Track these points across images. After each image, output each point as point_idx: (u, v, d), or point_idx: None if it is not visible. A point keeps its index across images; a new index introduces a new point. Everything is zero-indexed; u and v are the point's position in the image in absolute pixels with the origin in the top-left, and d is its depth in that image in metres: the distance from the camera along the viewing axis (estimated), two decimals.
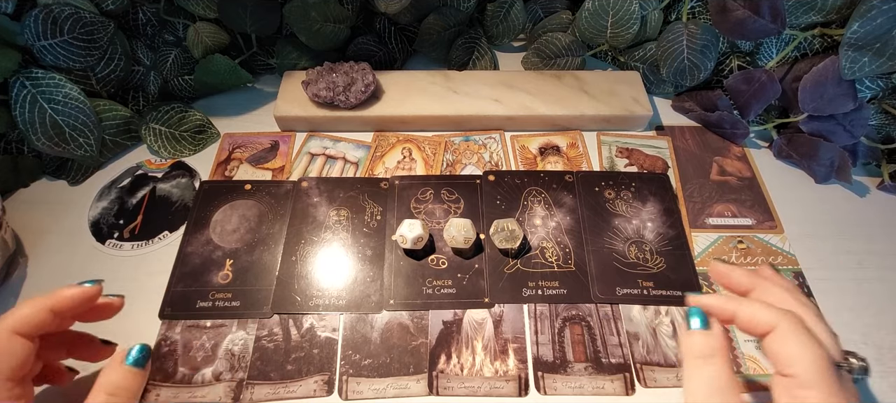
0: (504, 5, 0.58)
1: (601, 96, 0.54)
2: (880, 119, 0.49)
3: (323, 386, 0.38)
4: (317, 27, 0.53)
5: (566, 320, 0.42)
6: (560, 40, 0.57)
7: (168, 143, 0.52)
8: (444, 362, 0.40)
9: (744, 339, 0.41)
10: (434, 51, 0.59)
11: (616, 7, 0.53)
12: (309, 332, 0.41)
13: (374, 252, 0.45)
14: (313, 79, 0.52)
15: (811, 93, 0.47)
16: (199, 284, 0.43)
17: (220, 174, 0.51)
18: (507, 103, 0.54)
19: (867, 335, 0.41)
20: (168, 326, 0.41)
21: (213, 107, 0.57)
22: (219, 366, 0.39)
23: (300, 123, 0.54)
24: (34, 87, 0.45)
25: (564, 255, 0.45)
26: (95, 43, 0.48)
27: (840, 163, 0.49)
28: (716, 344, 0.29)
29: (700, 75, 0.52)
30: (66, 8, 0.45)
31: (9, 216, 0.46)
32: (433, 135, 0.55)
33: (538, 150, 0.53)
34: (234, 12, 0.52)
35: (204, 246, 0.45)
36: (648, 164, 0.52)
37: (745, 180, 0.51)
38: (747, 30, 0.47)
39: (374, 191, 0.49)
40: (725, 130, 0.54)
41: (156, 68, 0.54)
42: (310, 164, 0.52)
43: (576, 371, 0.39)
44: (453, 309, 0.42)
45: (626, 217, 0.47)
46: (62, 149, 0.47)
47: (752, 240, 0.47)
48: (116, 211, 0.49)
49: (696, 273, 0.44)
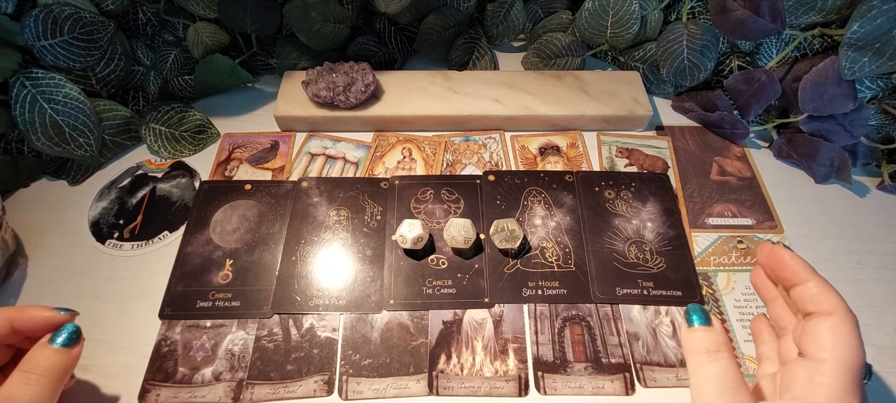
0: (504, 5, 0.58)
1: (601, 96, 0.54)
2: (880, 119, 0.49)
3: (323, 386, 0.38)
4: (317, 27, 0.53)
5: (566, 320, 0.42)
6: (560, 40, 0.57)
7: (168, 143, 0.52)
8: (444, 362, 0.40)
9: (744, 339, 0.41)
10: (434, 51, 0.59)
11: (616, 7, 0.53)
12: (309, 332, 0.41)
13: (374, 252, 0.45)
14: (313, 79, 0.52)
15: (811, 93, 0.47)
16: (199, 284, 0.43)
17: (220, 174, 0.51)
18: (507, 103, 0.54)
19: (867, 335, 0.41)
20: (168, 326, 0.41)
21: (213, 107, 0.57)
22: (219, 366, 0.39)
23: (300, 123, 0.54)
24: (34, 87, 0.45)
25: (564, 255, 0.45)
26: (95, 43, 0.48)
27: (840, 163, 0.49)
28: (719, 339, 0.29)
29: (700, 75, 0.52)
30: (66, 8, 0.45)
31: (9, 216, 0.46)
32: (433, 135, 0.55)
33: (538, 150, 0.53)
34: (234, 12, 0.52)
35: (204, 246, 0.45)
36: (648, 164, 0.52)
37: (745, 180, 0.51)
38: (747, 30, 0.47)
39: (374, 191, 0.49)
40: (725, 130, 0.54)
41: (156, 68, 0.54)
42: (310, 164, 0.52)
43: (576, 371, 0.39)
44: (453, 309, 0.42)
45: (626, 217, 0.47)
46: (62, 149, 0.47)
47: (752, 240, 0.47)
48: (116, 211, 0.49)
49: (696, 273, 0.44)
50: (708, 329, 0.29)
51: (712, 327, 0.29)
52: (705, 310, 0.30)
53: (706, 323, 0.30)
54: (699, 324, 0.30)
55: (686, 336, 0.30)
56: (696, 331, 0.30)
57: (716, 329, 0.29)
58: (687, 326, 0.30)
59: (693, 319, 0.30)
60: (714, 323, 0.30)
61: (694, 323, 0.30)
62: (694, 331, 0.30)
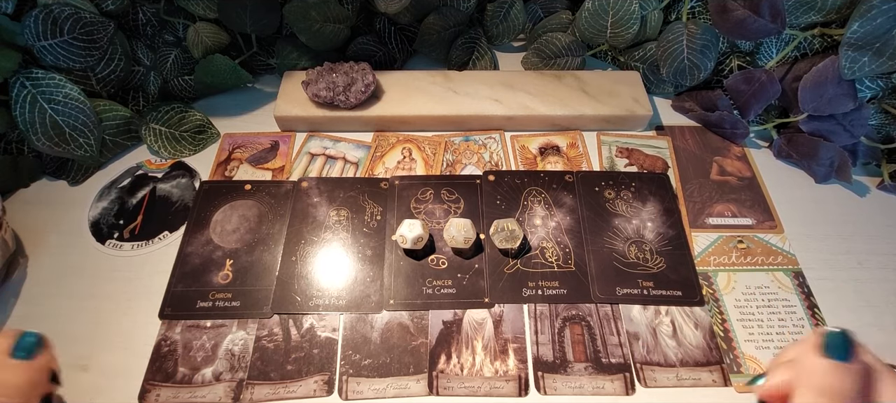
0: (504, 5, 0.58)
1: (601, 96, 0.54)
2: (880, 119, 0.49)
3: (323, 386, 0.38)
4: (317, 27, 0.53)
5: (566, 320, 0.42)
6: (560, 40, 0.57)
7: (168, 143, 0.52)
8: (444, 362, 0.40)
9: (744, 339, 0.41)
10: (434, 51, 0.59)
11: (616, 7, 0.53)
12: (309, 332, 0.41)
13: (374, 252, 0.45)
14: (313, 79, 0.52)
15: (811, 93, 0.47)
16: (199, 284, 0.43)
17: (220, 174, 0.51)
18: (507, 103, 0.54)
19: (867, 335, 0.41)
20: (168, 326, 0.41)
21: (213, 107, 0.57)
22: (219, 366, 0.39)
23: (300, 123, 0.54)
24: (34, 87, 0.45)
25: (564, 255, 0.45)
26: (95, 43, 0.48)
27: (840, 162, 0.49)
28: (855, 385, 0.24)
29: (700, 75, 0.52)
30: (66, 8, 0.45)
31: (9, 216, 0.46)
32: (433, 135, 0.55)
33: (538, 150, 0.53)
34: (234, 12, 0.52)
35: (204, 247, 0.45)
36: (648, 164, 0.52)
37: (745, 180, 0.51)
38: (747, 30, 0.47)
39: (374, 191, 0.49)
40: (725, 130, 0.54)
41: (156, 68, 0.54)
42: (310, 164, 0.52)
43: (576, 371, 0.39)
44: (453, 309, 0.42)
45: (626, 217, 0.47)
46: (62, 149, 0.47)
47: (752, 240, 0.47)
48: (116, 211, 0.49)
49: (697, 273, 0.44)
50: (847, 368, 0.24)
51: (851, 366, 0.24)
52: (853, 342, 0.25)
53: (846, 358, 0.24)
54: (837, 357, 0.24)
55: (813, 364, 0.25)
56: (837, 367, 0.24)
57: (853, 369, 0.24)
58: (820, 351, 0.25)
59: (833, 346, 0.25)
60: (858, 357, 0.24)
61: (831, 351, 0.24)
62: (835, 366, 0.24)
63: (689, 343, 0.40)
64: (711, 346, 0.40)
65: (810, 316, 0.42)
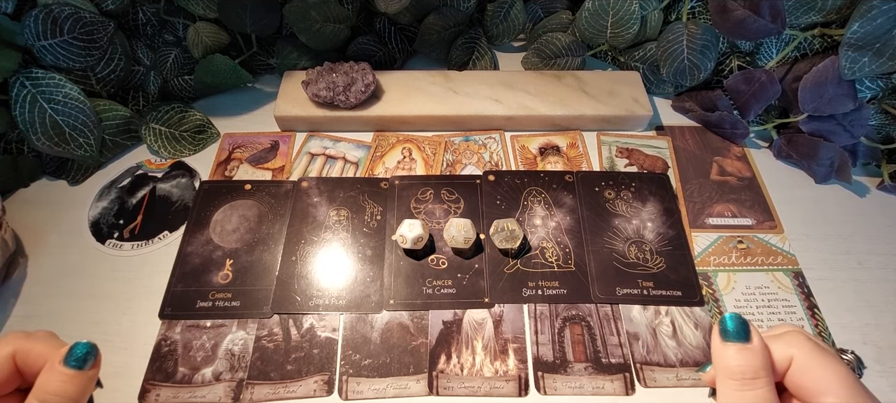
0: (504, 5, 0.58)
1: (601, 96, 0.54)
2: (880, 119, 0.49)
3: (323, 386, 0.38)
4: (317, 27, 0.53)
5: (566, 320, 0.42)
6: (560, 40, 0.57)
7: (168, 143, 0.52)
8: (444, 362, 0.40)
9: None
10: (434, 51, 0.59)
11: (616, 7, 0.53)
12: (309, 332, 0.41)
13: (374, 252, 0.45)
14: (313, 79, 0.52)
15: (811, 94, 0.47)
16: (199, 284, 0.43)
17: (220, 174, 0.51)
18: (507, 103, 0.54)
19: (867, 335, 0.41)
20: (168, 326, 0.41)
21: (213, 107, 0.57)
22: (219, 366, 0.39)
23: (300, 123, 0.54)
24: (34, 87, 0.45)
25: (564, 255, 0.45)
26: (95, 43, 0.48)
27: (840, 163, 0.49)
28: (757, 362, 0.24)
29: (700, 75, 0.52)
30: (66, 8, 0.45)
31: (9, 216, 0.46)
32: (433, 135, 0.55)
33: (538, 150, 0.53)
34: (234, 12, 0.52)
35: (204, 246, 0.45)
36: (648, 164, 0.52)
37: (745, 180, 0.51)
38: (747, 30, 0.47)
39: (374, 191, 0.49)
40: (725, 130, 0.54)
41: (156, 68, 0.54)
42: (310, 164, 0.52)
43: (576, 371, 0.39)
44: (453, 309, 0.42)
45: (626, 217, 0.47)
46: (62, 149, 0.47)
47: (752, 240, 0.47)
48: (116, 211, 0.49)
49: (696, 273, 0.44)
50: (744, 347, 0.24)
51: (751, 345, 0.24)
52: (745, 322, 0.25)
53: (743, 339, 0.24)
54: (735, 340, 0.24)
55: (718, 350, 0.25)
56: (729, 348, 0.24)
57: (754, 348, 0.24)
58: (720, 338, 0.25)
59: (728, 330, 0.25)
60: (753, 340, 0.24)
61: (729, 337, 0.25)
62: (727, 348, 0.25)
63: (689, 343, 0.40)
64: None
65: (810, 317, 0.42)
